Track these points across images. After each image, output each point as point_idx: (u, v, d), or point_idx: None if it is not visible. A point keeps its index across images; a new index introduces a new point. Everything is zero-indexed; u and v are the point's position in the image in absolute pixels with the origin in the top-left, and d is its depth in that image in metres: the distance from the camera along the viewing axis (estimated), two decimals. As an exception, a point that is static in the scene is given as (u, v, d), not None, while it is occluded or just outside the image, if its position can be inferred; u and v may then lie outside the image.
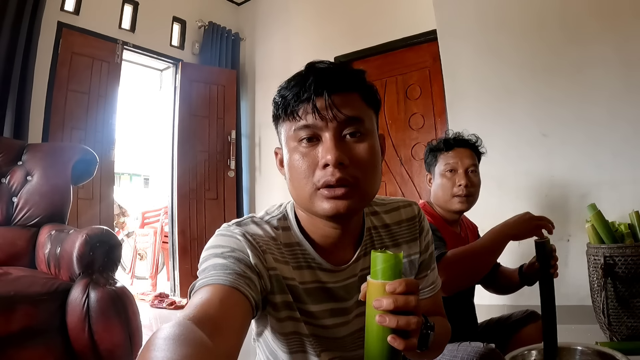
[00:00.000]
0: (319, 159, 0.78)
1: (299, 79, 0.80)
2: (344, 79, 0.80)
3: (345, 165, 0.77)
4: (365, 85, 0.83)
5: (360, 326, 0.90)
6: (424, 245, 0.99)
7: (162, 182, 5.42)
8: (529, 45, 3.34)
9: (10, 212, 2.56)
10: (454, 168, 1.71)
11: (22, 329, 1.87)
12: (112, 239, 2.19)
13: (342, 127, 0.78)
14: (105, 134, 3.99)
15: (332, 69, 0.80)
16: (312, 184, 0.79)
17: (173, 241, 4.57)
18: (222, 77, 4.95)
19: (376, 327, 0.65)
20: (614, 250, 2.31)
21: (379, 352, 0.65)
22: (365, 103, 0.82)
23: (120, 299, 2.05)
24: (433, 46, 3.91)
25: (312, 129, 0.78)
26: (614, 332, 2.35)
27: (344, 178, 0.77)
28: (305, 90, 0.78)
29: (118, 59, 4.12)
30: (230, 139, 4.92)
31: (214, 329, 0.62)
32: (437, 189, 1.74)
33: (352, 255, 0.91)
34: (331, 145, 0.77)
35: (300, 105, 0.79)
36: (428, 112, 4.07)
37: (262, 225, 0.88)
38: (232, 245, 0.80)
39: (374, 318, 0.65)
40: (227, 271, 0.75)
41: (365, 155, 0.79)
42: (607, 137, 3.00)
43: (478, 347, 1.42)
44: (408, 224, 0.98)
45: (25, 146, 2.77)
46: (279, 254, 0.85)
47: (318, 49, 4.62)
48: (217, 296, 0.70)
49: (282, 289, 0.84)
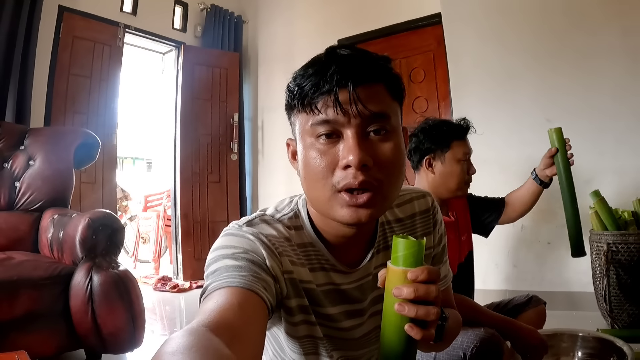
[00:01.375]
0: (339, 159, 0.70)
1: (319, 66, 0.70)
2: (370, 68, 0.70)
3: (368, 167, 0.69)
4: (392, 75, 0.74)
5: (374, 326, 0.88)
6: (437, 239, 0.95)
7: (164, 165, 5.42)
8: (534, 31, 3.30)
9: (13, 196, 2.57)
10: (469, 156, 1.73)
11: (26, 313, 1.89)
12: (114, 222, 2.20)
13: (366, 124, 0.70)
14: (107, 117, 3.97)
15: (356, 56, 0.70)
16: (331, 186, 0.71)
17: (176, 224, 4.58)
18: (224, 60, 4.91)
19: (394, 315, 0.63)
20: (617, 237, 2.30)
21: (395, 340, 0.64)
22: (391, 96, 0.73)
23: (123, 282, 2.07)
24: (437, 30, 3.87)
25: (332, 125, 0.69)
26: (615, 320, 2.36)
27: (367, 181, 0.69)
28: (326, 81, 0.68)
29: (120, 42, 4.08)
30: (233, 122, 4.90)
31: (233, 336, 0.56)
32: (447, 176, 1.71)
33: (365, 254, 0.86)
34: (354, 144, 0.68)
35: (319, 98, 0.69)
36: (432, 95, 4.04)
37: (275, 225, 0.80)
38: (245, 246, 0.73)
39: (392, 306, 0.63)
40: (242, 273, 0.68)
41: (390, 155, 0.71)
42: (611, 125, 2.98)
43: (479, 332, 1.43)
44: (422, 217, 0.92)
45: (27, 131, 2.77)
46: (295, 256, 0.79)
47: (321, 32, 4.57)
48: (234, 300, 0.63)
49: (298, 292, 0.79)
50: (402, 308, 0.61)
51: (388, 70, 0.73)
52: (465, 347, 1.42)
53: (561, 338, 1.69)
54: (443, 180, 1.72)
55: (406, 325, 0.62)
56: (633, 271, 2.27)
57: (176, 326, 3.19)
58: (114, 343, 2.06)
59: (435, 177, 1.73)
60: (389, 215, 0.90)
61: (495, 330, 1.48)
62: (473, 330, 1.45)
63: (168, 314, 3.61)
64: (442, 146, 1.72)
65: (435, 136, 1.73)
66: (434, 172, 1.73)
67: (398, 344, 0.64)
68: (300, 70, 0.73)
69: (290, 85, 0.74)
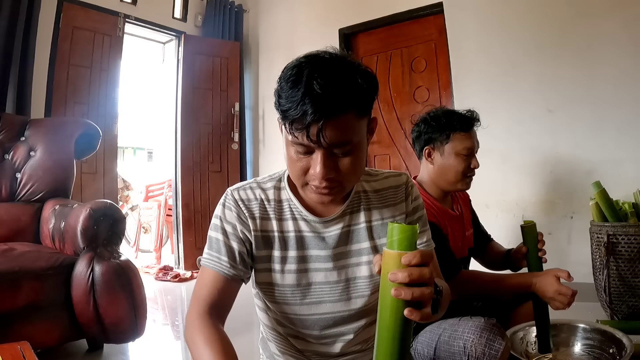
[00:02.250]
0: (309, 166, 0.88)
1: (299, 99, 0.81)
2: (338, 102, 0.81)
3: (331, 178, 0.88)
4: (360, 99, 0.86)
5: (340, 278, 1.02)
6: (411, 208, 1.07)
7: (165, 155, 5.41)
8: (536, 20, 3.29)
9: (14, 188, 2.58)
10: (472, 150, 1.68)
11: (28, 304, 1.90)
12: (116, 212, 2.21)
13: (331, 148, 0.85)
14: (108, 108, 3.97)
15: (328, 93, 0.80)
16: (302, 180, 0.91)
17: (177, 214, 4.59)
18: (225, 50, 4.89)
19: (390, 299, 0.67)
20: (617, 228, 2.30)
21: (392, 321, 0.68)
22: (359, 116, 0.87)
23: (124, 272, 2.08)
24: (439, 19, 3.85)
25: (306, 147, 0.86)
26: (614, 311, 2.36)
27: (329, 186, 0.89)
28: (301, 117, 0.81)
29: (120, 32, 4.07)
30: (234, 111, 4.89)
31: (222, 313, 0.96)
32: (445, 168, 1.67)
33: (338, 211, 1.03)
34: (320, 164, 0.85)
35: (297, 130, 0.83)
36: (433, 85, 4.02)
37: (255, 190, 1.03)
38: (226, 216, 1.00)
39: (389, 290, 0.67)
40: (222, 258, 0.98)
41: (350, 166, 0.88)
42: (613, 115, 2.98)
43: (479, 322, 1.43)
44: (394, 190, 1.07)
45: (27, 122, 2.77)
46: (271, 212, 1.02)
47: (322, 21, 4.55)
48: (220, 286, 0.97)
49: (266, 243, 1.01)
50: (399, 292, 0.66)
51: (358, 95, 0.85)
52: (465, 338, 1.42)
53: (561, 329, 1.69)
54: (441, 172, 1.69)
55: (406, 310, 0.66)
56: (633, 263, 2.27)
57: (177, 316, 3.21)
58: (115, 333, 2.08)
59: (435, 168, 1.70)
60: (367, 186, 1.07)
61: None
62: (473, 321, 1.45)
63: (169, 303, 3.63)
64: (441, 138, 1.68)
65: (434, 127, 1.69)
66: (432, 162, 1.70)
67: (396, 324, 0.68)
68: (285, 86, 0.85)
69: (275, 101, 0.88)
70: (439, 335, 1.53)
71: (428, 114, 1.75)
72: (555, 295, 1.48)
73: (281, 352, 1.09)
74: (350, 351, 1.07)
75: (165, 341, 2.70)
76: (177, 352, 2.53)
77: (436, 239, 1.48)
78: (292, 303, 1.02)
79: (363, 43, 4.46)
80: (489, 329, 1.40)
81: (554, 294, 1.48)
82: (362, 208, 1.04)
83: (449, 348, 1.46)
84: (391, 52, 4.26)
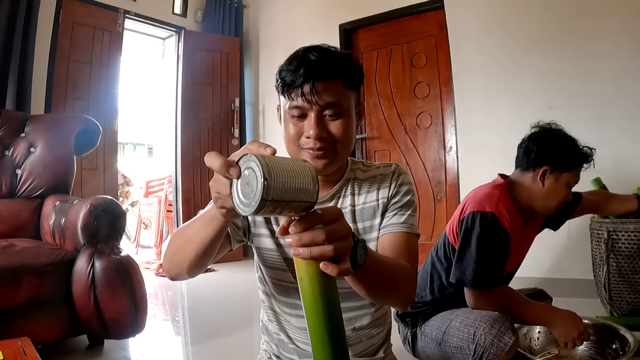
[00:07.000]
0: (304, 131, 1.00)
1: (295, 66, 0.97)
2: (329, 68, 0.97)
3: (323, 137, 0.99)
4: (348, 72, 1.01)
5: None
6: (394, 191, 1.13)
7: (166, 151, 5.40)
8: (537, 16, 3.28)
9: (14, 184, 2.58)
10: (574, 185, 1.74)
11: (29, 300, 1.90)
12: (116, 208, 2.21)
13: (323, 109, 0.98)
14: (108, 103, 3.97)
15: (320, 60, 0.97)
16: (298, 146, 1.02)
17: (177, 210, 4.60)
18: (225, 45, 4.89)
19: (298, 262, 0.68)
20: (617, 225, 2.30)
21: (308, 283, 0.67)
22: (347, 87, 1.01)
23: (125, 268, 2.08)
24: (439, 14, 3.85)
25: (300, 109, 0.99)
26: (614, 307, 2.37)
27: (322, 147, 0.99)
28: (297, 79, 0.96)
29: (120, 28, 4.06)
30: (234, 107, 4.90)
31: None
32: (553, 194, 1.69)
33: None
34: (313, 123, 0.98)
35: (293, 90, 0.98)
36: (434, 81, 4.01)
37: None
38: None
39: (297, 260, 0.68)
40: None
41: (340, 130, 1.00)
42: (614, 112, 2.98)
43: (493, 314, 1.49)
44: (382, 177, 1.15)
45: (27, 118, 2.77)
46: None
47: (322, 17, 4.54)
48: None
49: (264, 219, 1.11)
50: (297, 252, 0.66)
51: (346, 68, 1.01)
52: (477, 326, 1.45)
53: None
54: (548, 196, 1.69)
55: (321, 263, 0.66)
56: (633, 259, 2.27)
57: (178, 311, 3.22)
58: (116, 328, 2.08)
59: (544, 190, 1.69)
60: (360, 174, 1.16)
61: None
62: (487, 312, 1.51)
63: (170, 299, 3.63)
64: (566, 166, 1.69)
65: (560, 153, 1.70)
66: (543, 184, 1.69)
67: (312, 282, 0.67)
68: (285, 64, 1.01)
69: (277, 75, 1.02)
70: (450, 320, 1.57)
71: (543, 132, 1.81)
72: (568, 341, 1.55)
73: (279, 330, 1.17)
74: None
75: (166, 337, 2.70)
76: (177, 347, 2.53)
77: (499, 250, 1.57)
78: (280, 268, 1.11)
79: (363, 38, 4.45)
80: (502, 321, 1.44)
81: (566, 339, 1.56)
82: (349, 193, 1.13)
83: (459, 334, 1.50)
84: (391, 48, 4.25)
